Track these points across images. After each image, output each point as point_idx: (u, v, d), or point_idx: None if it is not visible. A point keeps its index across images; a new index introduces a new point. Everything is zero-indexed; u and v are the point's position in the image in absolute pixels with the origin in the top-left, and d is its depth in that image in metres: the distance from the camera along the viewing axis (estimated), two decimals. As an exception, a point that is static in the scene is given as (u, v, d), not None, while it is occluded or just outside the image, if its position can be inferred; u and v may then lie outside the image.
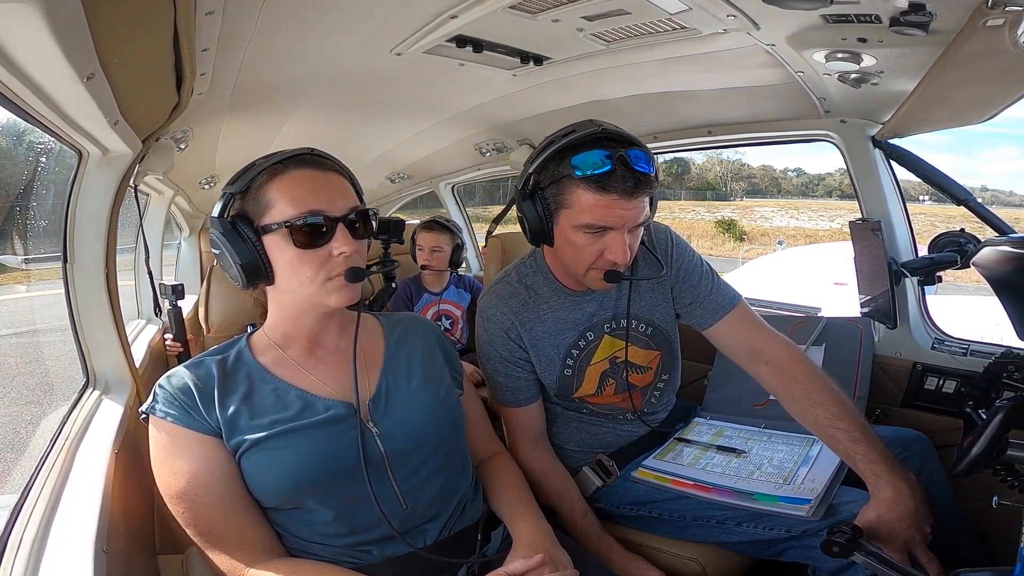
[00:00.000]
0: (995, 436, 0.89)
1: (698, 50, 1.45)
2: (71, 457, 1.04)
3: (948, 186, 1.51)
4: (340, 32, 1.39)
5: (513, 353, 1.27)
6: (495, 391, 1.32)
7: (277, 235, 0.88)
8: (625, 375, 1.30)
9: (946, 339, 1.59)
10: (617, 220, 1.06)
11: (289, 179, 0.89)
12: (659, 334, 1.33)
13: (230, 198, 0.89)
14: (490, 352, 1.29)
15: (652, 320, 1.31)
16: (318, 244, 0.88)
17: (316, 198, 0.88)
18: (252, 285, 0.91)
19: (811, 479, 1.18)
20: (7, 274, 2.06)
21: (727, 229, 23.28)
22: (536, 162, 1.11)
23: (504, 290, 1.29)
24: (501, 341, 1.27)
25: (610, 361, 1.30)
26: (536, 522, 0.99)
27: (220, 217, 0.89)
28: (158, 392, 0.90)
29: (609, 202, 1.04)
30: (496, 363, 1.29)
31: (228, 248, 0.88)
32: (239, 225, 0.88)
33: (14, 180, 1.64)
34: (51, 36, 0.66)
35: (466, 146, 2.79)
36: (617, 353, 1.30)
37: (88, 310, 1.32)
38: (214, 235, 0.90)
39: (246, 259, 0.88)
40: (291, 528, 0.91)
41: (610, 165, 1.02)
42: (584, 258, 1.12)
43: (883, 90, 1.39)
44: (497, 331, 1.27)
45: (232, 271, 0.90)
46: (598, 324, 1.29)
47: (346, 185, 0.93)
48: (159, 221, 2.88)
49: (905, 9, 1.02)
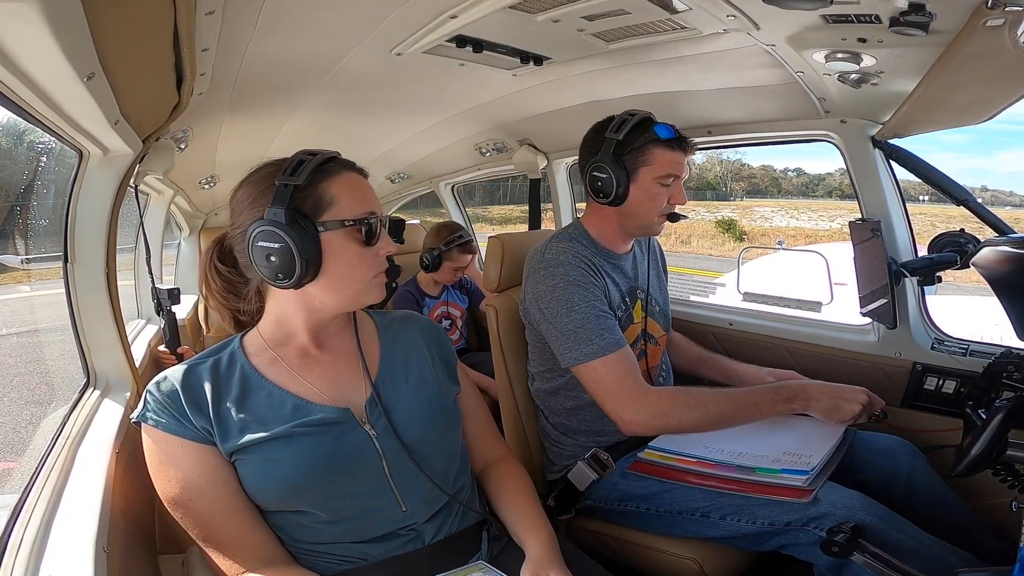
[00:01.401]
0: (995, 436, 0.89)
1: (698, 50, 1.45)
2: (72, 456, 1.04)
3: (948, 186, 1.51)
4: (340, 32, 1.39)
5: (598, 287, 1.34)
6: (587, 344, 1.28)
7: (340, 232, 0.89)
8: (645, 345, 1.47)
9: (946, 339, 1.59)
10: (683, 170, 1.40)
11: (347, 179, 0.92)
12: (665, 315, 1.57)
13: (292, 190, 0.87)
14: (573, 298, 1.30)
15: (659, 301, 1.55)
16: (372, 243, 0.91)
17: (371, 199, 0.93)
18: (300, 282, 0.88)
19: (808, 456, 1.21)
20: (7, 274, 2.06)
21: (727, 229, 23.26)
22: (618, 136, 1.36)
23: (562, 244, 1.38)
24: (584, 278, 1.32)
25: (640, 327, 1.47)
26: (547, 539, 0.97)
27: (285, 208, 0.86)
28: (148, 399, 0.88)
29: (677, 157, 1.37)
30: (583, 309, 1.29)
31: (293, 240, 0.85)
32: (299, 218, 0.87)
33: (15, 180, 1.64)
34: (51, 35, 0.66)
35: (466, 146, 2.79)
36: (642, 322, 1.48)
37: (89, 310, 1.33)
38: (271, 227, 0.86)
39: (309, 253, 0.86)
40: (289, 531, 0.91)
41: (675, 133, 1.37)
42: (658, 205, 1.39)
43: (883, 90, 1.39)
44: (577, 271, 1.32)
45: (285, 266, 0.86)
46: (633, 289, 1.48)
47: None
48: (159, 221, 2.88)
49: (905, 9, 1.02)
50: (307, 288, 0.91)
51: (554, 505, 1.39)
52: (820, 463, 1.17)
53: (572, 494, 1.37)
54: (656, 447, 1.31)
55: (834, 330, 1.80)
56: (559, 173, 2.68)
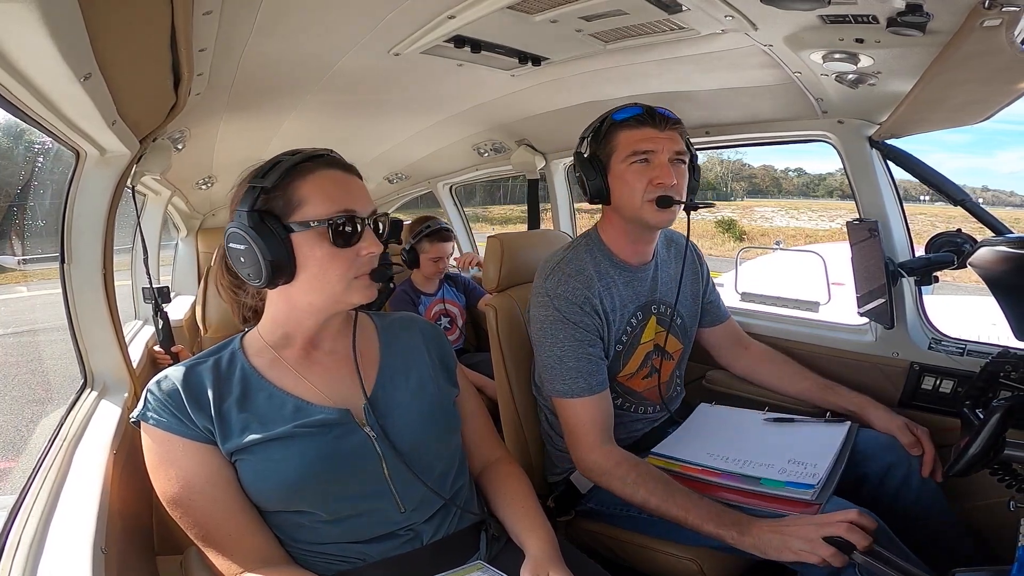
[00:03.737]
0: (992, 436, 0.89)
1: (696, 50, 1.45)
2: (69, 457, 1.04)
3: (945, 186, 1.51)
4: (338, 32, 1.39)
5: (589, 328, 1.29)
6: (560, 383, 1.28)
7: (309, 233, 0.87)
8: (659, 361, 1.43)
9: (943, 339, 1.59)
10: (656, 145, 1.27)
11: (321, 177, 0.89)
12: (686, 328, 1.50)
13: (259, 192, 0.87)
14: (559, 334, 1.28)
15: (682, 312, 1.48)
16: (350, 243, 0.89)
17: (348, 198, 0.89)
18: (272, 283, 0.88)
19: (813, 464, 1.19)
20: (5, 274, 2.06)
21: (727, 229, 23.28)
22: (588, 134, 1.34)
23: (571, 267, 1.33)
24: (576, 316, 1.28)
25: (654, 344, 1.42)
26: (547, 538, 0.97)
27: (249, 211, 0.86)
28: (149, 398, 0.88)
29: (645, 133, 1.27)
30: (566, 346, 1.28)
31: (256, 243, 0.85)
32: (267, 220, 0.86)
33: (12, 180, 1.63)
34: (48, 36, 0.66)
35: (464, 146, 2.80)
36: (657, 336, 1.43)
37: (86, 310, 1.32)
38: (238, 229, 0.86)
39: (275, 255, 0.86)
40: (288, 531, 0.90)
41: (641, 110, 1.29)
42: (637, 189, 1.28)
43: (880, 91, 1.39)
44: (571, 308, 1.28)
45: (253, 268, 0.86)
46: (647, 305, 1.41)
47: (365, 188, 0.94)
48: (156, 222, 2.88)
49: (902, 10, 1.03)
50: (289, 289, 0.91)
51: (554, 506, 1.39)
52: (825, 473, 1.16)
53: (573, 496, 1.37)
54: (660, 453, 1.31)
55: (831, 330, 1.81)
56: (557, 173, 2.69)
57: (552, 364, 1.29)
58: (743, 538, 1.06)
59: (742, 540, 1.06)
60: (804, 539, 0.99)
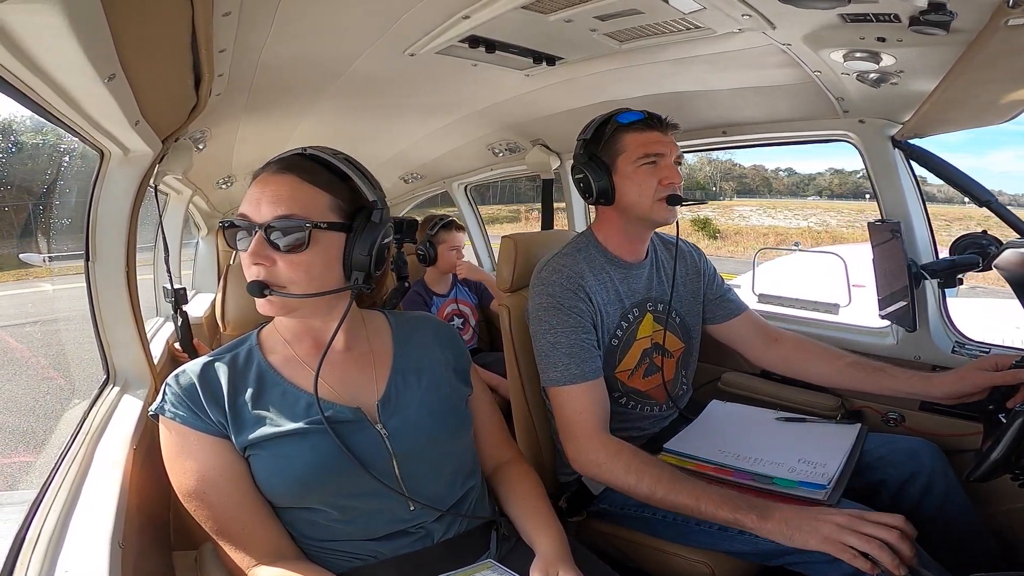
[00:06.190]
0: (1015, 440, 0.88)
1: (713, 50, 1.44)
2: (91, 452, 1.06)
3: (970, 187, 1.48)
4: (353, 33, 1.40)
5: (582, 314, 1.30)
6: (553, 370, 1.28)
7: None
8: (660, 359, 1.43)
9: (967, 343, 1.56)
10: (663, 148, 1.34)
11: (256, 182, 0.90)
12: (686, 326, 1.50)
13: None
14: (552, 320, 1.29)
15: (681, 311, 1.49)
16: (236, 247, 0.91)
17: (249, 201, 0.88)
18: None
19: (823, 465, 1.19)
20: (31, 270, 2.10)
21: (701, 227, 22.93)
22: (587, 136, 1.39)
23: (565, 260, 1.36)
24: (569, 301, 1.30)
25: (650, 340, 1.43)
26: (557, 538, 0.97)
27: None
28: (166, 391, 0.90)
29: (652, 136, 1.34)
30: (559, 331, 1.28)
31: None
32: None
33: (37, 179, 1.67)
34: (73, 37, 0.68)
35: (479, 146, 2.80)
36: (655, 334, 1.44)
37: (109, 307, 1.35)
38: None
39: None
40: (300, 528, 0.91)
41: (644, 115, 1.35)
42: (648, 188, 1.33)
43: (903, 90, 1.37)
44: (564, 293, 1.30)
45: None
46: (643, 302, 1.43)
47: (293, 192, 0.87)
48: (178, 220, 2.93)
49: (925, 8, 1.01)
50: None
51: (565, 507, 1.38)
52: (837, 473, 1.15)
53: (585, 497, 1.37)
54: (672, 450, 1.30)
55: (852, 333, 1.78)
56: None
57: (547, 351, 1.30)
58: (764, 523, 1.01)
59: (763, 525, 1.01)
60: (838, 526, 0.94)
